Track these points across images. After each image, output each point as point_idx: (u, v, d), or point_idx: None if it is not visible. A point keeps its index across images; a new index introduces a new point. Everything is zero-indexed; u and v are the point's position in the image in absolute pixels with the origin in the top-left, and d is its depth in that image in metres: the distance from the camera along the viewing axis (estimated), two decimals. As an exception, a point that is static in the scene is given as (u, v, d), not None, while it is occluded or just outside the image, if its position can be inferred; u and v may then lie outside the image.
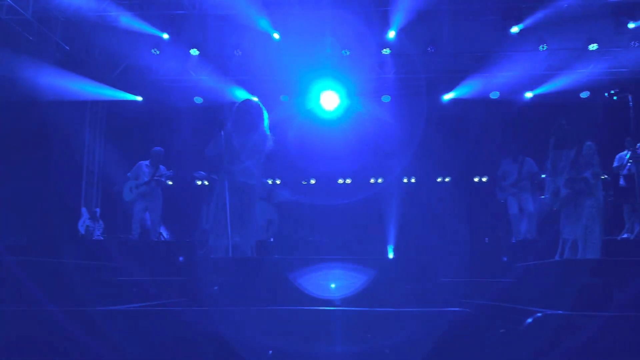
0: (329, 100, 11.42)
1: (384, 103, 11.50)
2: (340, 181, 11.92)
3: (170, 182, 9.26)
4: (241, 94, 11.43)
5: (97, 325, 2.19)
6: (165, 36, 10.00)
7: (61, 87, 9.81)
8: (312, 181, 10.35)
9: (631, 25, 9.20)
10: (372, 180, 11.83)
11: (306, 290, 2.65)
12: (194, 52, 10.77)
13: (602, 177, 5.88)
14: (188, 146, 9.91)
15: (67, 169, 11.03)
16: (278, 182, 10.96)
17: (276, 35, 9.95)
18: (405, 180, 11.54)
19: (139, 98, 11.54)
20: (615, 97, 5.02)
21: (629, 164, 8.17)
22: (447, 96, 11.35)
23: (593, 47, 10.26)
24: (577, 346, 1.95)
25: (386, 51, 10.66)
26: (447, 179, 11.77)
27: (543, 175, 8.77)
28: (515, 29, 9.35)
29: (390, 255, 10.40)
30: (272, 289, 2.73)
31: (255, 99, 5.39)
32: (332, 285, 2.68)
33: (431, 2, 9.56)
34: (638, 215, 7.67)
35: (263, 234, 8.06)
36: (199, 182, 10.91)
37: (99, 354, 2.17)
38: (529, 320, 1.87)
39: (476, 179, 11.61)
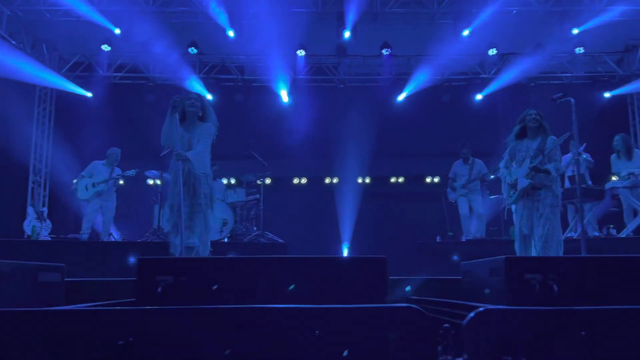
0: (285, 96, 11.49)
1: (338, 103, 11.60)
2: (296, 181, 11.95)
3: (121, 182, 9.07)
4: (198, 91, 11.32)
5: (41, 326, 2.14)
6: (117, 31, 9.79)
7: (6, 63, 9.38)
8: (268, 181, 10.31)
9: (575, 31, 9.58)
10: (327, 180, 11.90)
11: (257, 289, 2.66)
12: (146, 49, 10.60)
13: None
14: (139, 145, 9.73)
15: (13, 167, 10.66)
16: (233, 181, 10.89)
17: (231, 34, 9.89)
18: (360, 181, 11.66)
19: (89, 94, 11.25)
20: (558, 101, 5.16)
21: (572, 166, 8.50)
22: (401, 97, 11.53)
23: (541, 51, 10.65)
24: (517, 339, 2.03)
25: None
26: (400, 180, 11.96)
27: (492, 177, 9.06)
28: (466, 32, 9.59)
29: (345, 254, 10.52)
30: (225, 289, 2.72)
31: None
32: (286, 284, 2.70)
33: (386, 5, 9.73)
34: (581, 215, 7.97)
35: (217, 234, 8.00)
36: (151, 182, 10.72)
37: (44, 356, 2.12)
38: (471, 314, 1.93)
39: (428, 180, 11.85)
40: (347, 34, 9.82)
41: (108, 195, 8.62)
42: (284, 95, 11.50)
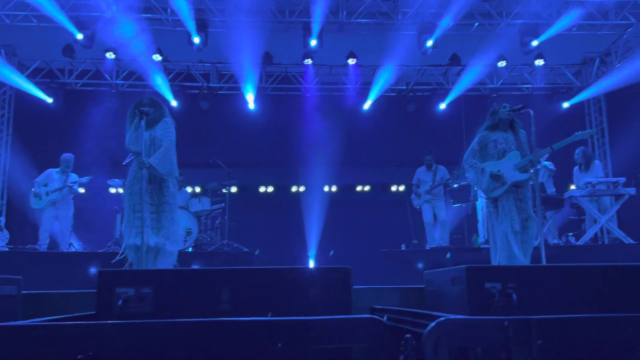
0: (251, 104, 11.47)
1: (304, 112, 11.65)
2: (262, 189, 11.90)
3: (82, 190, 8.88)
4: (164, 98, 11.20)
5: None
6: (80, 36, 9.58)
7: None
8: (233, 189, 10.25)
9: (534, 43, 9.84)
10: (293, 189, 11.89)
11: (220, 301, 2.65)
12: (110, 55, 10.46)
13: None
14: (101, 153, 9.57)
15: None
16: (198, 190, 10.78)
17: (196, 40, 9.80)
18: (326, 189, 11.69)
19: (50, 100, 11.00)
20: (518, 112, 5.25)
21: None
22: (367, 105, 11.63)
23: (502, 64, 10.94)
24: (477, 348, 2.07)
25: (308, 61, 10.81)
26: (366, 188, 12.05)
27: (455, 185, 9.21)
28: (430, 43, 9.75)
29: (311, 262, 10.51)
30: (188, 301, 2.70)
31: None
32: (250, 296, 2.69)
33: (351, 16, 9.82)
34: (540, 223, 8.16)
35: (181, 244, 7.88)
36: (113, 190, 10.52)
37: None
38: (432, 324, 1.96)
39: (393, 188, 11.96)
40: (313, 42, 9.85)
41: (63, 203, 8.45)
42: (250, 103, 11.47)
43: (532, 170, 5.03)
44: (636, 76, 9.75)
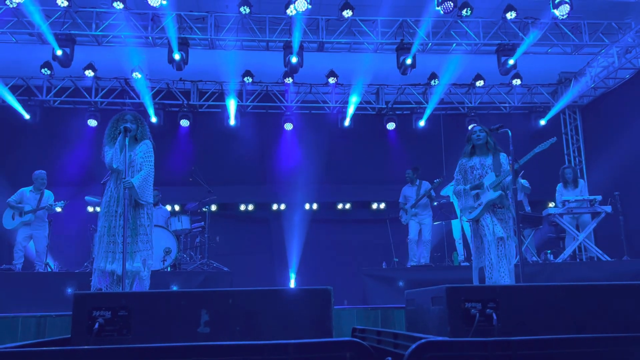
0: (231, 122, 11.45)
1: (285, 130, 11.67)
2: (243, 207, 11.83)
3: (59, 209, 8.74)
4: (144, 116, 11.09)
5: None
6: (59, 52, 9.48)
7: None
8: (214, 208, 10.18)
9: (511, 62, 10.00)
10: (274, 207, 11.85)
11: (199, 324, 2.60)
12: (89, 73, 10.39)
13: None
14: (78, 170, 9.45)
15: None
16: (177, 208, 10.69)
17: (177, 57, 9.76)
18: (307, 207, 11.67)
19: (27, 115, 10.86)
20: (496, 132, 5.31)
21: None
22: (346, 122, 11.69)
23: (480, 83, 11.12)
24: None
25: (288, 80, 10.85)
26: (347, 206, 12.05)
27: (435, 203, 9.24)
28: (409, 61, 9.84)
29: (292, 281, 10.45)
30: (166, 324, 2.65)
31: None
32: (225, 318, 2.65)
33: (332, 35, 9.91)
34: (519, 242, 8.21)
35: (160, 264, 7.76)
36: (91, 209, 10.36)
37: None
38: (413, 346, 1.95)
39: (374, 206, 11.98)
40: (294, 59, 9.88)
41: (38, 223, 8.31)
42: (231, 121, 11.47)
43: (500, 191, 5.13)
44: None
